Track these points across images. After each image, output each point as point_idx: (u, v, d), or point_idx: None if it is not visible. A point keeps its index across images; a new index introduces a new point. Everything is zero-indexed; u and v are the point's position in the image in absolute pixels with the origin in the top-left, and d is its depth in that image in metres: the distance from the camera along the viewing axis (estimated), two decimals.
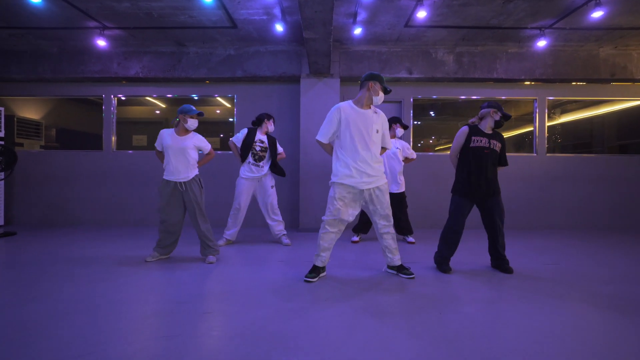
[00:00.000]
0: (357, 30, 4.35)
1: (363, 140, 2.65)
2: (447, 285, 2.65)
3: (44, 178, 5.58)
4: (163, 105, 6.09)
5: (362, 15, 4.25)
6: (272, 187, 4.03)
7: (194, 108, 3.22)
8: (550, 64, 5.22)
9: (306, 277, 2.73)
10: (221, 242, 3.98)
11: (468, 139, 2.99)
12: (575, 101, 5.78)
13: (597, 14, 3.85)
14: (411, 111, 5.49)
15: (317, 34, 3.69)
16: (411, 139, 5.48)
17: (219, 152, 5.46)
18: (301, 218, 5.16)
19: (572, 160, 5.50)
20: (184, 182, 3.18)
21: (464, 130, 3.03)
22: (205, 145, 3.37)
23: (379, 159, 2.73)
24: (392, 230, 2.83)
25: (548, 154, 5.52)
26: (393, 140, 4.15)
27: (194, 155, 3.27)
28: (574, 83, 5.47)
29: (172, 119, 5.99)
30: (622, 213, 5.44)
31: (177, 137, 3.20)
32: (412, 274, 2.84)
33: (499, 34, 4.77)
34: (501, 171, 3.21)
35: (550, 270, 3.10)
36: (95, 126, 5.69)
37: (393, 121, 4.09)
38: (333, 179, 2.74)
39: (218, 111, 6.06)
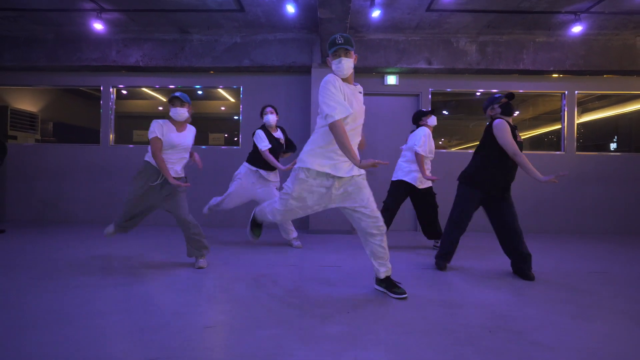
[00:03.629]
0: (376, 13, 3.97)
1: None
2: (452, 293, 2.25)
3: (38, 173, 5.24)
4: (164, 99, 5.71)
5: None
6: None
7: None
8: (582, 54, 4.81)
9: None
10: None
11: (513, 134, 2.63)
12: (604, 96, 5.35)
13: None
14: (430, 105, 5.10)
15: (333, 13, 3.33)
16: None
17: (222, 147, 5.13)
18: (311, 219, 4.77)
19: (604, 159, 5.06)
20: None
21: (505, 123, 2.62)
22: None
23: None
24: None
25: (578, 152, 5.09)
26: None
27: None
28: (606, 76, 5.05)
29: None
30: None
31: None
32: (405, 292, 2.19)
33: (529, 20, 4.38)
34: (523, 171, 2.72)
35: (596, 279, 2.69)
36: (95, 121, 5.31)
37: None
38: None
39: (223, 108, 5.70)
